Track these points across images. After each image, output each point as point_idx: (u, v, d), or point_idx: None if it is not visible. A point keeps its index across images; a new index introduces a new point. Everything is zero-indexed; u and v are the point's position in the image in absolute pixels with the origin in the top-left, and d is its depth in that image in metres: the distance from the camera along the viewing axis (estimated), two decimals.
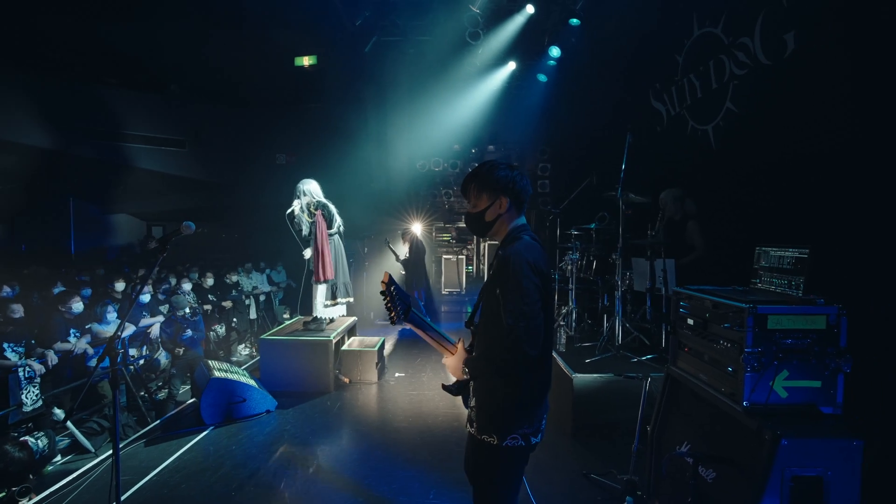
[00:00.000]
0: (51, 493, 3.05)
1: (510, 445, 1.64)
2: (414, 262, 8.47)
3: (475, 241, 11.01)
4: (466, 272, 10.89)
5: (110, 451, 3.62)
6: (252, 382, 4.32)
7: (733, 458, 2.07)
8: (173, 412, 4.40)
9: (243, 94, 10.31)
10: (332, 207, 5.25)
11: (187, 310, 5.78)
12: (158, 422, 4.23)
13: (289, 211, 5.27)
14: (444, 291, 10.49)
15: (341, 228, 5.37)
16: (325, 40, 10.33)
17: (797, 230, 3.58)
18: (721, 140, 4.96)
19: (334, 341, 4.90)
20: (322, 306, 5.14)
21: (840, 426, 1.95)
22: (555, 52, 7.42)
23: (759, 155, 4.28)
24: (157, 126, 9.84)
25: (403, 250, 8.86)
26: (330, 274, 5.13)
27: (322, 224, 5.10)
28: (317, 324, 5.15)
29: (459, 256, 10.76)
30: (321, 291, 5.24)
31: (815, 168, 3.65)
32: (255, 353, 7.32)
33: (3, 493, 3.10)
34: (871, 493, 1.94)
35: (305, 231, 5.20)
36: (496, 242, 1.86)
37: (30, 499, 3.08)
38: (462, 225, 10.99)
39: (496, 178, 1.76)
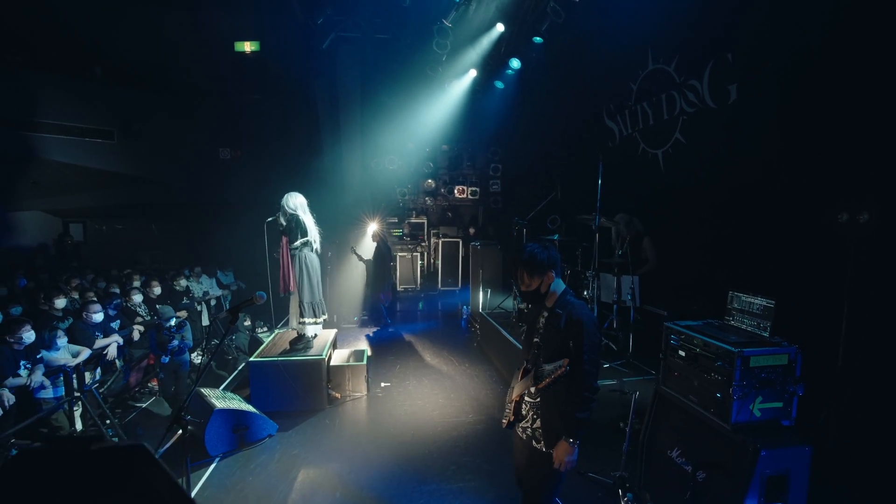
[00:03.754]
0: None
1: None
2: (379, 263, 8.56)
3: (427, 238, 11.27)
4: (420, 268, 11.16)
5: None
6: (251, 408, 4.34)
7: (721, 463, 2.66)
8: (167, 446, 4.29)
9: (180, 81, 9.49)
10: (305, 220, 5.10)
11: (173, 321, 5.76)
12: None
13: (269, 220, 5.18)
14: (400, 288, 10.70)
15: (315, 245, 5.21)
16: (269, 26, 9.80)
17: (735, 248, 4.35)
18: (670, 165, 5.69)
19: (326, 358, 5.00)
20: (308, 325, 5.17)
21: (795, 435, 2.61)
22: (515, 63, 7.79)
23: (704, 181, 5.02)
24: (81, 115, 8.77)
25: (369, 250, 8.86)
26: (292, 287, 5.15)
27: (286, 237, 5.08)
28: (304, 342, 5.20)
29: (414, 253, 10.99)
30: (293, 305, 5.23)
31: (749, 198, 4.42)
32: (212, 362, 7.09)
33: None
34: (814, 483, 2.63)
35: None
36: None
37: None
38: (415, 220, 11.19)
39: (541, 261, 2.32)
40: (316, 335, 5.42)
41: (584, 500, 3.35)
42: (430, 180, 10.81)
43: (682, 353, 2.97)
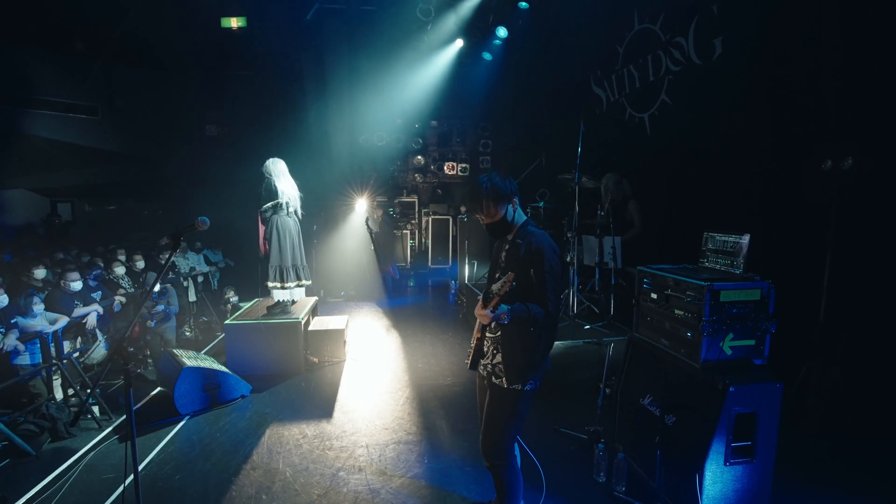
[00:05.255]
0: (28, 499, 2.90)
1: (529, 389, 2.20)
2: (386, 238, 8.49)
3: (417, 217, 11.17)
4: (410, 246, 11.07)
5: (87, 447, 3.48)
6: (223, 368, 4.27)
7: (690, 404, 2.57)
8: (139, 405, 4.23)
9: (165, 56, 9.32)
10: (277, 185, 4.99)
11: (158, 286, 5.81)
12: (124, 417, 4.05)
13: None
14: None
15: (290, 207, 5.09)
16: (255, 1, 9.60)
17: (724, 210, 4.23)
18: (656, 128, 5.56)
19: (302, 322, 4.92)
20: (271, 289, 5.07)
21: (766, 374, 2.52)
22: (501, 32, 7.62)
23: (690, 143, 4.90)
24: (65, 90, 8.62)
25: (376, 226, 8.81)
26: (262, 251, 5.12)
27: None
28: (280, 307, 5.11)
29: (404, 231, 10.89)
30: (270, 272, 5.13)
31: (733, 155, 4.30)
32: (198, 337, 7.05)
33: None
34: (785, 421, 2.54)
35: None
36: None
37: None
38: (406, 199, 11.07)
39: (503, 185, 2.21)
40: (294, 301, 5.34)
41: (556, 455, 3.27)
42: (419, 157, 10.68)
43: (654, 295, 2.87)
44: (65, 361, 5.32)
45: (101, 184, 9.95)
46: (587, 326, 4.57)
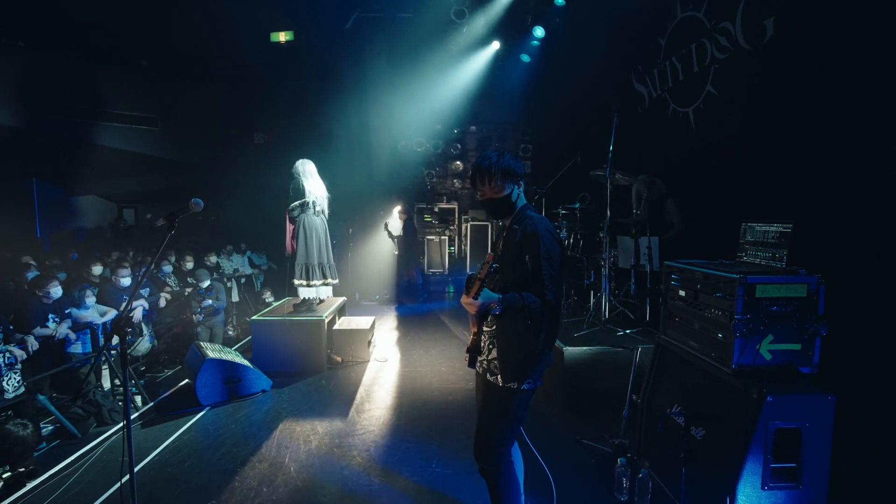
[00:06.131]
0: (51, 475, 3.02)
1: (527, 388, 2.00)
2: (410, 242, 8.49)
3: (457, 223, 11.07)
4: (448, 253, 10.98)
5: (106, 434, 3.62)
6: (246, 363, 4.33)
7: (721, 415, 2.25)
8: (166, 394, 4.37)
9: (218, 70, 9.94)
10: (305, 184, 5.09)
11: (207, 282, 6.51)
12: (152, 404, 4.21)
13: None
14: (428, 272, 10.58)
15: (317, 207, 5.17)
16: (303, 15, 10.02)
17: (775, 207, 3.79)
18: (701, 122, 5.15)
19: (327, 321, 4.92)
20: (297, 286, 5.11)
21: (815, 384, 2.15)
22: (539, 32, 7.45)
23: (738, 136, 4.48)
24: (128, 103, 9.39)
25: (399, 228, 8.85)
26: (289, 249, 5.20)
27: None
28: (306, 305, 5.15)
29: (442, 237, 10.82)
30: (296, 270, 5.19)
31: (791, 148, 3.86)
32: (239, 336, 7.27)
33: (10, 474, 3.07)
34: (840, 442, 2.15)
35: None
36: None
37: (35, 480, 3.06)
38: (444, 205, 11.02)
39: (515, 163, 2.03)
40: (322, 300, 5.37)
41: (575, 468, 3.00)
42: (458, 162, 10.61)
43: (682, 292, 2.57)
44: (112, 352, 5.66)
45: (160, 190, 10.68)
46: (620, 333, 4.24)
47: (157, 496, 2.77)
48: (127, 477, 2.06)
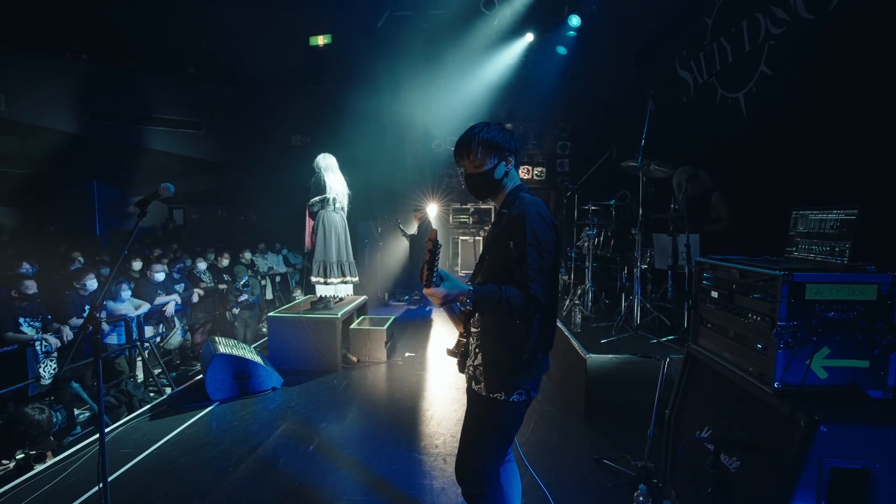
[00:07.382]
0: (58, 461, 3.03)
1: (516, 400, 1.71)
2: (423, 243, 8.31)
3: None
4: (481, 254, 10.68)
5: (122, 421, 3.64)
6: (258, 359, 4.26)
7: (761, 445, 1.84)
8: (180, 388, 4.39)
9: (258, 75, 10.22)
10: (326, 179, 4.97)
11: (245, 279, 6.98)
12: (165, 396, 4.23)
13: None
14: (461, 273, 10.31)
15: (338, 203, 5.05)
16: (339, 18, 10.10)
17: (839, 197, 3.24)
18: (753, 108, 4.59)
19: (342, 319, 4.79)
20: (315, 283, 5.00)
21: (891, 412, 1.70)
22: (574, 21, 7.03)
23: (797, 120, 3.92)
24: (176, 108, 9.87)
25: (414, 226, 8.71)
26: (308, 244, 5.10)
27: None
28: (323, 303, 5.05)
29: (476, 238, 10.53)
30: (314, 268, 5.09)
31: (857, 130, 3.30)
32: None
33: (22, 455, 3.12)
34: None
35: None
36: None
37: (44, 463, 3.11)
38: (483, 206, 10.72)
39: (501, 136, 1.76)
40: (340, 298, 5.26)
41: (589, 492, 2.65)
42: None
43: (714, 293, 2.17)
44: (146, 345, 5.84)
45: (205, 192, 11.12)
46: (653, 340, 3.80)
47: (146, 491, 2.70)
48: (101, 485, 1.96)
